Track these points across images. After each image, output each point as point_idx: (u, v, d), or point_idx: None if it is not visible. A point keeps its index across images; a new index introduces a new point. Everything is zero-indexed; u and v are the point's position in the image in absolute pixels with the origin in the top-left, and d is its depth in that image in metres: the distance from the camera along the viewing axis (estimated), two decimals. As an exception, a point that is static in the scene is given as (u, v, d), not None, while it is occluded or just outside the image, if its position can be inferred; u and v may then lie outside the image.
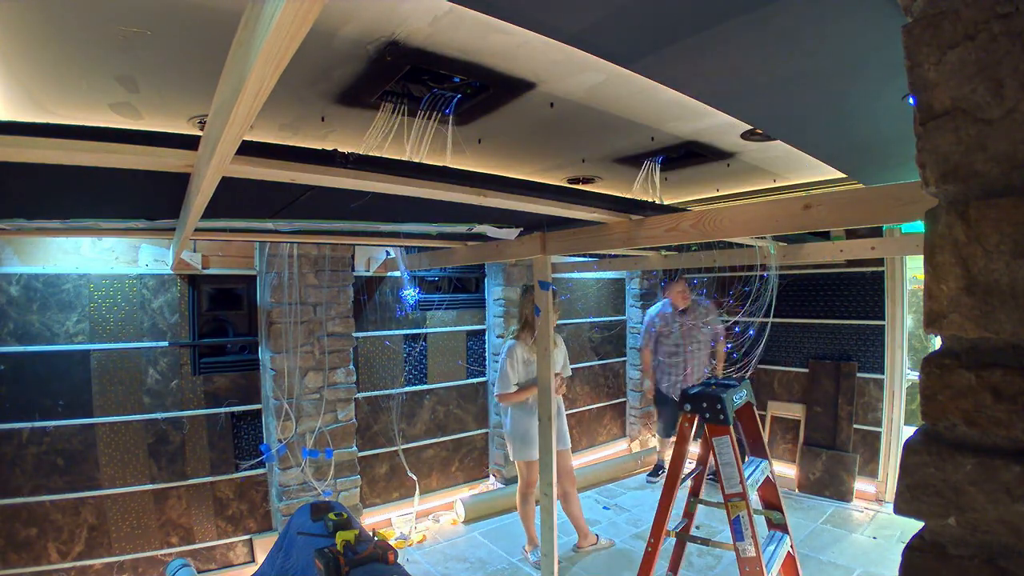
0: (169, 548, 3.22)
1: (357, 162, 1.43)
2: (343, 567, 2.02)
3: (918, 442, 0.48)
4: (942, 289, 0.46)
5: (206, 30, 1.04)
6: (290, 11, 0.59)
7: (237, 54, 0.81)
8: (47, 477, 2.90)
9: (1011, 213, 0.42)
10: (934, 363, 0.47)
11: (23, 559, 2.83)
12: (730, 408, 2.37)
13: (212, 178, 1.25)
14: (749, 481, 2.35)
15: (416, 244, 3.62)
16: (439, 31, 1.10)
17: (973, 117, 0.44)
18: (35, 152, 1.16)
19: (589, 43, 0.98)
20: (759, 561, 2.23)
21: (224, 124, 0.92)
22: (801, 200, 1.70)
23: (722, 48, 1.01)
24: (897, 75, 0.57)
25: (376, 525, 3.90)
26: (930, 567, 0.47)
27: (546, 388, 2.73)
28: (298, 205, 1.99)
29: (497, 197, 1.78)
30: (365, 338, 4.00)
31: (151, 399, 3.19)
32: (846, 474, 4.28)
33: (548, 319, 2.72)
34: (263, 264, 3.46)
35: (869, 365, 4.34)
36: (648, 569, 2.53)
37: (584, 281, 5.42)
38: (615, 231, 2.32)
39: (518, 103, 1.47)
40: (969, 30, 0.43)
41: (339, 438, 3.66)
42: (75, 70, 1.18)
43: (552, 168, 2.19)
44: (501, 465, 4.61)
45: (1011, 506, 0.42)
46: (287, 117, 1.53)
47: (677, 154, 2.00)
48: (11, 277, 2.83)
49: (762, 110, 1.41)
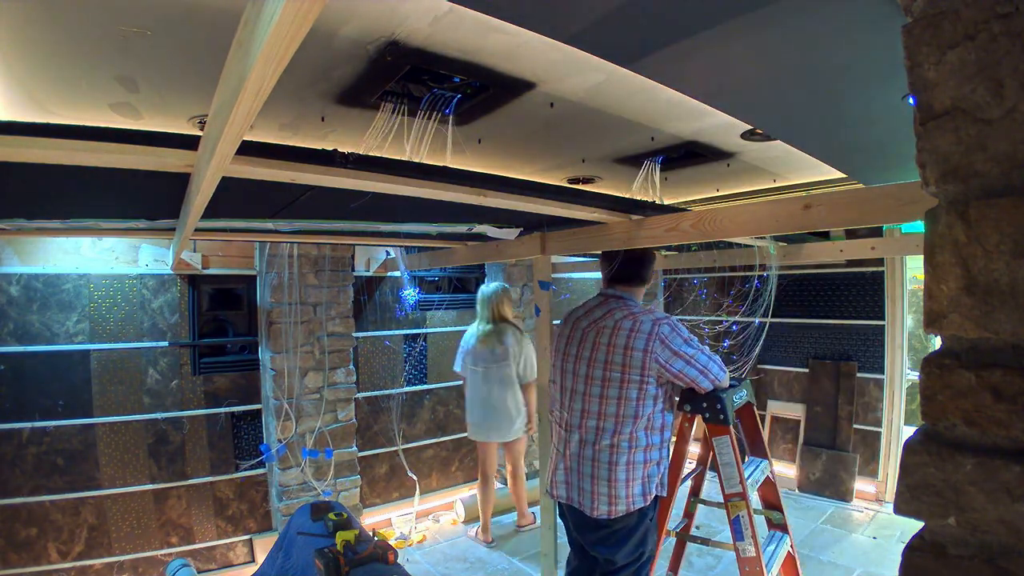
0: (169, 548, 3.22)
1: (357, 162, 1.43)
2: (343, 567, 2.02)
3: (918, 442, 0.48)
4: (942, 289, 0.46)
5: (206, 30, 1.04)
6: (290, 11, 0.59)
7: (237, 54, 0.81)
8: (47, 477, 2.90)
9: (1011, 213, 0.42)
10: (934, 363, 0.47)
11: (23, 559, 2.83)
12: (730, 408, 2.36)
13: (212, 178, 1.25)
14: (749, 481, 2.35)
15: (416, 244, 3.62)
16: (439, 31, 1.10)
17: (973, 117, 0.44)
18: (35, 152, 1.16)
19: (589, 43, 0.98)
20: (759, 561, 2.22)
21: (224, 124, 0.92)
22: (801, 200, 1.70)
23: (722, 48, 1.01)
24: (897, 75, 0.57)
25: (376, 525, 3.90)
26: (930, 567, 0.47)
27: (544, 388, 2.73)
28: (298, 205, 1.99)
29: (497, 197, 1.78)
30: (365, 338, 4.00)
31: (151, 399, 3.19)
32: (846, 474, 4.28)
33: (548, 319, 2.73)
34: (263, 264, 3.46)
35: (869, 365, 4.34)
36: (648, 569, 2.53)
37: (584, 281, 5.41)
38: (615, 231, 2.32)
39: (518, 103, 1.47)
40: (969, 30, 0.43)
41: (339, 438, 3.66)
42: (75, 70, 1.18)
43: (552, 168, 2.19)
44: (501, 465, 4.61)
45: (1011, 506, 0.42)
46: (287, 117, 1.53)
47: (677, 154, 2.00)
48: (11, 277, 2.84)
49: (762, 110, 1.41)
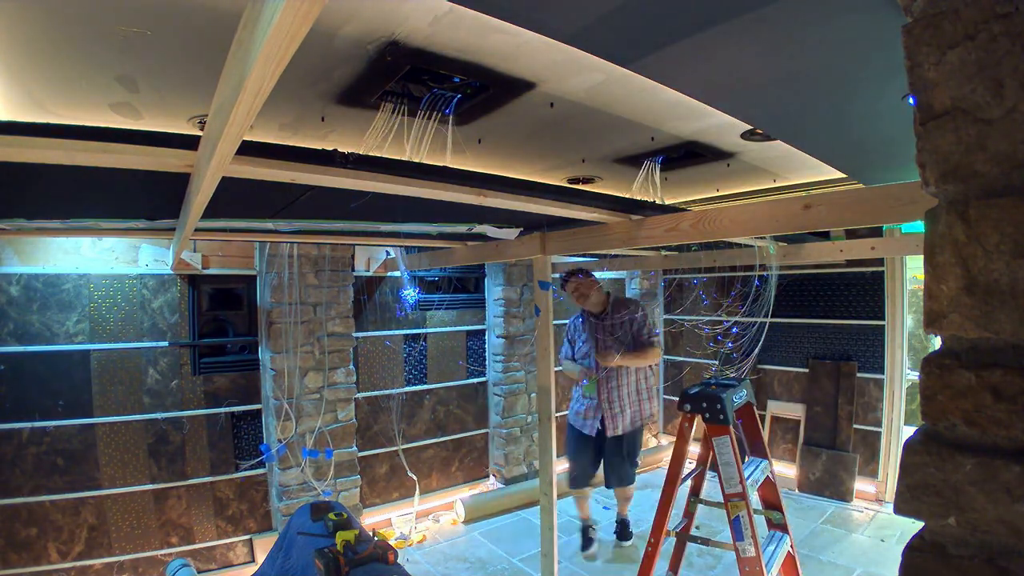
0: (169, 548, 3.22)
1: (357, 162, 1.43)
2: (343, 567, 2.02)
3: (918, 442, 0.48)
4: (942, 289, 0.46)
5: (206, 30, 1.04)
6: (290, 11, 0.59)
7: (237, 54, 0.81)
8: (47, 477, 2.90)
9: (1011, 213, 0.42)
10: (934, 363, 0.47)
11: (23, 559, 2.83)
12: (730, 408, 2.37)
13: (212, 178, 1.25)
14: (749, 481, 2.35)
15: (416, 244, 3.62)
16: (439, 31, 1.10)
17: (973, 117, 0.44)
18: (35, 152, 1.16)
19: (589, 43, 0.98)
20: (759, 561, 2.23)
21: (224, 124, 0.92)
22: (801, 200, 1.70)
23: (722, 48, 1.01)
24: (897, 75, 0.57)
25: (376, 525, 3.89)
26: (930, 567, 0.47)
27: (546, 389, 2.74)
28: (298, 205, 1.99)
29: (497, 197, 1.78)
30: (365, 338, 4.00)
31: (151, 399, 3.19)
32: (846, 474, 4.28)
33: (548, 319, 2.72)
34: (263, 264, 3.46)
35: (869, 365, 4.34)
36: (648, 569, 2.53)
37: (584, 281, 5.41)
38: (615, 231, 2.32)
39: (518, 103, 1.47)
40: (969, 30, 0.43)
41: (339, 438, 3.66)
42: (75, 70, 1.18)
43: (552, 168, 2.19)
44: (501, 465, 4.62)
45: (1011, 506, 0.42)
46: (287, 117, 1.53)
47: (677, 154, 2.00)
48: (11, 277, 2.83)
49: (762, 110, 1.41)
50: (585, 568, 3.46)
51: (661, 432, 5.88)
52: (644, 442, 5.71)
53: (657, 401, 3.91)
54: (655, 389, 4.08)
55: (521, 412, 4.68)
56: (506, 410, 4.58)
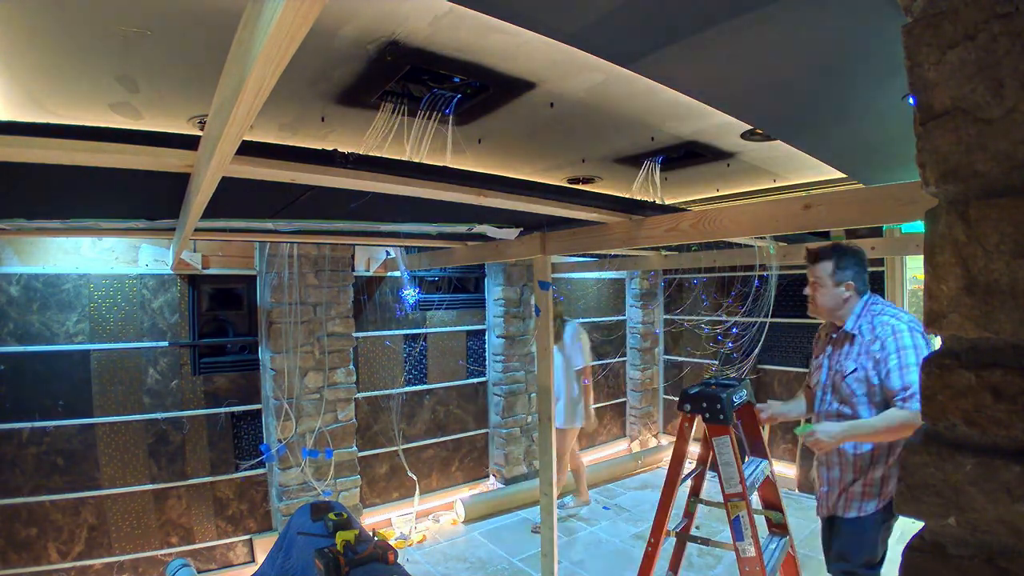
0: (169, 548, 3.22)
1: (357, 162, 1.43)
2: (343, 567, 2.02)
3: (918, 442, 0.48)
4: (942, 289, 0.46)
5: (206, 30, 1.04)
6: (290, 11, 0.59)
7: (237, 54, 0.81)
8: (47, 477, 2.90)
9: (1011, 213, 0.42)
10: (934, 363, 0.47)
11: (23, 559, 2.83)
12: (730, 408, 2.36)
13: (212, 178, 1.25)
14: (749, 481, 2.35)
15: (416, 244, 3.62)
16: (439, 31, 1.10)
17: (973, 117, 0.44)
18: (35, 152, 1.16)
19: (589, 43, 0.98)
20: (759, 561, 2.22)
21: (224, 124, 0.92)
22: (801, 200, 1.70)
23: (722, 48, 1.01)
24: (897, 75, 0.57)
25: (376, 525, 3.89)
26: (930, 567, 0.47)
27: (546, 389, 2.74)
28: (298, 205, 1.99)
29: (497, 197, 1.78)
30: (365, 338, 4.00)
31: (151, 399, 3.19)
32: (846, 474, 4.27)
33: (548, 319, 2.72)
34: (263, 264, 3.46)
35: (869, 365, 4.33)
36: (648, 569, 2.53)
37: (584, 281, 5.41)
38: (615, 231, 2.32)
39: (518, 103, 1.47)
40: (969, 30, 0.43)
41: (339, 438, 3.66)
42: (75, 70, 1.18)
43: (552, 168, 2.19)
44: (501, 465, 4.62)
45: (1011, 506, 0.42)
46: (287, 117, 1.53)
47: (677, 154, 2.00)
48: (11, 277, 2.83)
49: (762, 110, 1.41)
50: (585, 568, 3.46)
51: (661, 432, 5.89)
52: (644, 442, 5.74)
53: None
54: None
55: (521, 412, 4.68)
56: (506, 410, 4.59)
